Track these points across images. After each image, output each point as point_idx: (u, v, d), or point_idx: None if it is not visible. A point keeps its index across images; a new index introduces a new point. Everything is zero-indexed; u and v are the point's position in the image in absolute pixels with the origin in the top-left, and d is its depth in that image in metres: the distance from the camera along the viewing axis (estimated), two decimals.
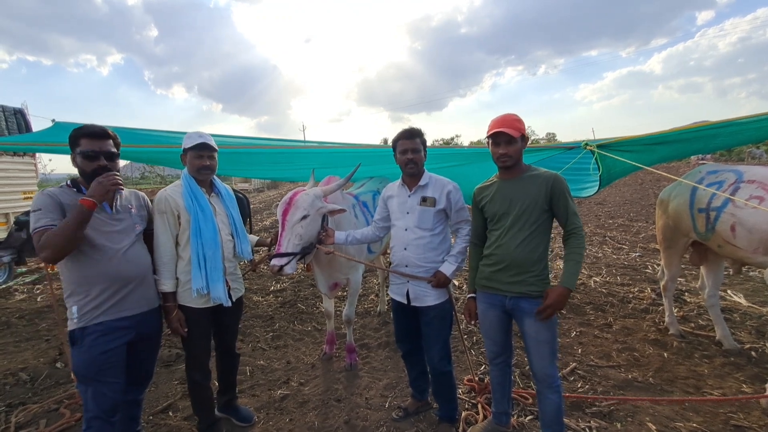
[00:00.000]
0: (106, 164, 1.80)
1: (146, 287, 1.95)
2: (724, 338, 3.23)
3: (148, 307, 1.96)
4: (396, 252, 2.31)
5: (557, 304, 1.81)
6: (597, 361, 3.11)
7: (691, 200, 3.07)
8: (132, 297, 1.87)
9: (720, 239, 2.85)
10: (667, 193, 3.40)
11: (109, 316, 1.80)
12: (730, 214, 2.76)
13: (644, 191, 14.15)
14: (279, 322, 4.14)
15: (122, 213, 1.90)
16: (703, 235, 3.01)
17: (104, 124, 2.00)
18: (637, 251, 6.47)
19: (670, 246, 3.39)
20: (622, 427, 2.33)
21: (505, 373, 2.19)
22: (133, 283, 1.87)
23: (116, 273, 1.81)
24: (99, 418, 1.78)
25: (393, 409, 2.57)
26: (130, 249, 1.88)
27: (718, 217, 2.83)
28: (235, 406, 2.52)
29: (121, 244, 1.84)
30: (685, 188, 3.13)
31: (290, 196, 2.43)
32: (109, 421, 1.81)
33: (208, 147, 2.13)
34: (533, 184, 1.90)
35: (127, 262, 1.84)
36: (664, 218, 3.37)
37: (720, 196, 2.83)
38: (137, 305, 1.90)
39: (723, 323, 3.29)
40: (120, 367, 1.85)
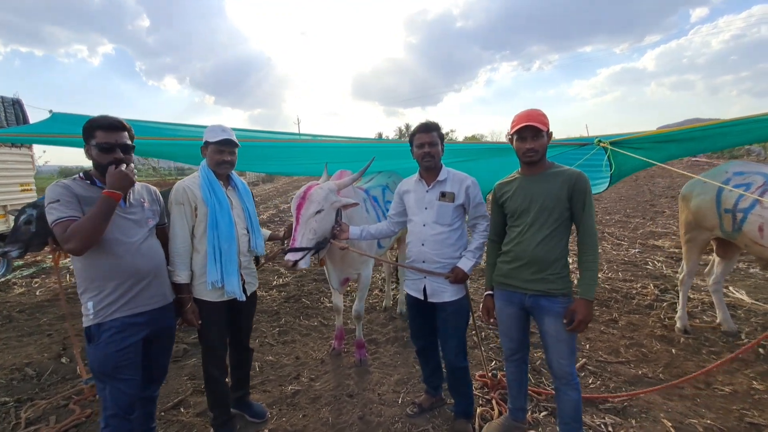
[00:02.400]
0: (122, 157, 1.75)
1: (161, 282, 1.91)
2: (724, 321, 3.43)
3: (162, 303, 1.92)
4: (413, 247, 2.29)
5: (587, 317, 1.82)
6: (606, 357, 3.13)
7: (717, 200, 3.09)
8: (147, 292, 1.83)
9: (747, 239, 2.90)
10: (689, 188, 3.44)
11: (124, 311, 1.77)
12: (758, 215, 2.80)
13: (639, 188, 14.24)
14: (285, 317, 4.11)
15: (135, 207, 1.86)
16: (729, 234, 3.04)
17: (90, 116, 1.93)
18: (637, 247, 6.52)
19: (690, 240, 3.44)
20: (637, 423, 2.35)
21: (521, 369, 2.19)
22: (148, 277, 1.83)
23: (131, 268, 1.77)
24: (117, 416, 1.76)
25: (406, 405, 2.57)
26: (144, 243, 1.84)
27: (745, 219, 2.87)
28: (248, 402, 2.50)
29: (135, 238, 1.80)
30: (711, 187, 3.14)
31: (304, 191, 2.40)
32: (127, 419, 1.79)
33: (231, 143, 2.12)
34: (556, 181, 1.89)
35: (142, 257, 1.81)
36: (686, 213, 3.43)
37: (748, 198, 2.87)
38: (152, 301, 1.86)
39: (725, 307, 3.48)
40: (137, 364, 1.82)
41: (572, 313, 1.82)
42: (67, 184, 1.73)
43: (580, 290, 1.85)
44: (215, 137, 2.08)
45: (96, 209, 1.63)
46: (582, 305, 1.81)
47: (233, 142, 2.12)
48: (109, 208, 1.64)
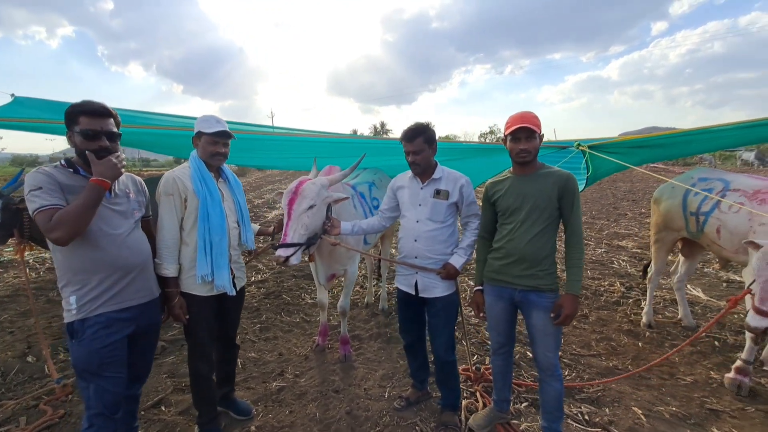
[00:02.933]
0: (108, 145, 1.67)
1: (147, 276, 1.85)
2: (685, 316, 3.72)
3: (149, 298, 1.86)
4: (405, 243, 2.32)
5: (574, 312, 1.92)
6: (579, 350, 3.30)
7: (684, 203, 3.34)
8: (133, 286, 1.77)
9: (708, 239, 3.16)
10: (660, 192, 3.66)
11: (110, 306, 1.70)
12: (716, 218, 3.06)
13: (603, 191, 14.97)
14: (266, 314, 4.05)
15: (121, 197, 1.78)
16: (694, 235, 3.30)
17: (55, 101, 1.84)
18: (603, 247, 6.86)
19: (659, 240, 3.67)
20: (610, 411, 2.50)
21: (507, 362, 2.28)
22: (134, 271, 1.77)
23: (117, 260, 1.70)
24: (102, 415, 1.69)
25: (393, 399, 2.61)
26: (131, 235, 1.77)
27: (706, 221, 3.13)
28: (233, 399, 2.46)
29: (121, 229, 1.73)
30: (678, 191, 3.39)
31: (296, 186, 2.38)
32: (112, 418, 1.72)
33: (227, 134, 2.07)
34: (547, 181, 1.97)
35: (128, 249, 1.74)
36: (657, 215, 3.65)
37: (709, 202, 3.14)
38: (138, 295, 1.80)
39: (686, 304, 3.77)
40: (122, 361, 1.75)
41: (559, 307, 1.92)
42: (49, 171, 1.64)
43: (567, 286, 1.95)
44: (211, 128, 2.03)
45: (83, 197, 1.56)
46: (569, 300, 1.91)
47: (229, 134, 2.08)
48: (97, 196, 1.58)
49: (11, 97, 3.34)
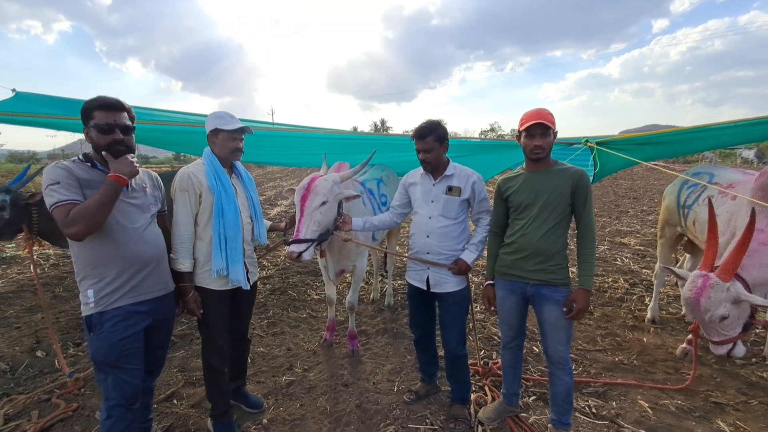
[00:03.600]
0: (122, 138, 1.68)
1: (162, 270, 1.88)
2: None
3: (164, 291, 1.88)
4: (417, 239, 2.34)
5: (586, 306, 1.95)
6: (585, 346, 3.33)
7: (677, 198, 3.42)
8: (149, 280, 1.79)
9: (690, 233, 3.27)
10: (666, 190, 3.73)
11: (127, 300, 1.72)
12: (694, 211, 3.17)
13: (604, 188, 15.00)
14: (272, 309, 4.07)
15: (138, 192, 1.80)
16: (683, 228, 3.38)
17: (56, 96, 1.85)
18: (605, 245, 6.88)
19: (663, 236, 3.72)
20: (617, 404, 2.53)
21: (517, 356, 2.31)
22: (150, 265, 1.79)
23: (134, 254, 1.72)
24: (121, 406, 1.71)
25: (402, 393, 2.63)
26: (147, 229, 1.80)
27: (688, 214, 3.25)
28: (244, 393, 2.49)
29: (138, 224, 1.76)
30: (676, 187, 3.48)
31: (308, 182, 2.40)
32: (130, 409, 1.74)
33: (245, 130, 2.11)
34: (561, 177, 1.99)
35: (145, 243, 1.76)
36: (661, 212, 3.71)
37: (692, 196, 3.23)
38: (155, 289, 1.82)
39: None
40: (140, 353, 1.78)
41: (572, 302, 1.94)
42: (68, 165, 1.65)
43: (579, 281, 1.97)
44: (229, 125, 2.05)
45: (101, 193, 1.57)
46: (582, 295, 1.93)
47: (247, 130, 2.11)
48: (114, 192, 1.59)
49: (12, 92, 3.34)
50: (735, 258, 2.15)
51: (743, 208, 2.59)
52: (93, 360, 1.71)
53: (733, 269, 2.16)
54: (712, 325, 2.23)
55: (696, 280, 2.24)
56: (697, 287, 2.22)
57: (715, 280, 2.17)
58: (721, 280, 2.16)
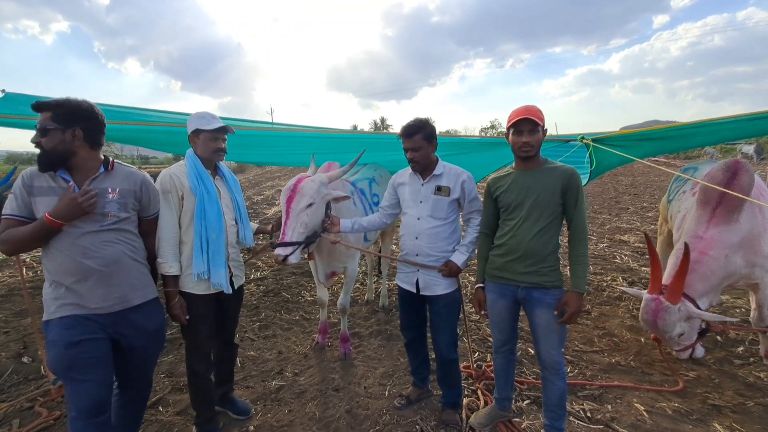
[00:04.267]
0: (38, 141, 1.59)
1: (113, 282, 1.67)
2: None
3: (122, 306, 1.69)
4: (406, 241, 2.28)
5: (579, 309, 1.89)
6: (582, 347, 3.27)
7: (668, 193, 3.47)
8: (95, 292, 1.63)
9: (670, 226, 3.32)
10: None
11: (70, 311, 1.61)
12: (671, 206, 3.25)
13: (604, 185, 14.91)
14: (265, 312, 4.02)
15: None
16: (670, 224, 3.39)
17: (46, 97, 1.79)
18: (605, 242, 6.82)
19: (660, 233, 3.72)
20: (613, 408, 2.47)
21: (509, 360, 2.25)
22: (93, 276, 1.62)
23: (73, 263, 1.59)
24: (79, 419, 1.61)
25: (393, 398, 2.58)
26: (92, 237, 1.62)
27: (669, 208, 3.32)
28: (231, 399, 2.43)
29: (81, 231, 1.60)
30: (671, 183, 3.52)
31: (294, 183, 2.34)
32: (91, 422, 1.62)
33: (227, 129, 2.05)
34: (551, 176, 1.93)
35: (85, 253, 1.60)
36: (660, 208, 3.77)
37: (675, 191, 3.28)
38: (106, 304, 1.66)
39: None
40: (99, 364, 1.64)
41: (564, 305, 1.88)
42: (29, 173, 1.62)
43: (572, 284, 1.91)
44: (210, 125, 1.99)
45: (31, 229, 1.55)
46: (574, 298, 1.87)
47: (228, 129, 2.05)
48: (44, 234, 1.56)
49: (2, 93, 3.27)
50: (678, 282, 2.26)
51: (693, 206, 2.69)
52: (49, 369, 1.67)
53: (679, 292, 2.27)
54: (671, 340, 2.38)
55: (649, 303, 2.36)
56: (651, 310, 2.34)
57: (666, 305, 2.29)
58: (671, 303, 2.27)
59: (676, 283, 2.27)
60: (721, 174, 2.56)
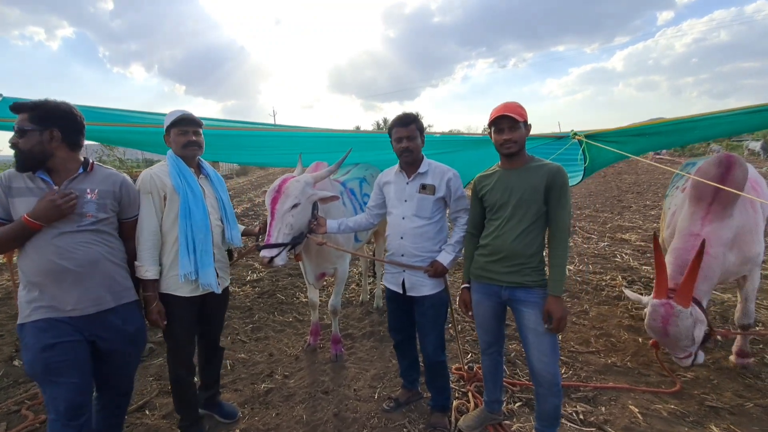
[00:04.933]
0: (15, 142, 1.59)
1: (89, 285, 1.65)
2: None
3: (96, 309, 1.67)
4: (392, 240, 2.24)
5: (563, 314, 1.81)
6: (577, 348, 3.21)
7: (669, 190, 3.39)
8: (71, 295, 1.61)
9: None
10: None
11: (44, 314, 1.60)
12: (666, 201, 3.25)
13: (607, 183, 14.76)
14: (258, 313, 4.00)
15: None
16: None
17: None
18: (606, 241, 6.73)
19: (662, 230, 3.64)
20: (607, 410, 2.41)
21: (497, 362, 2.20)
22: (68, 278, 1.60)
23: (47, 264, 1.58)
24: (57, 422, 1.60)
25: (383, 400, 2.54)
26: (68, 238, 1.60)
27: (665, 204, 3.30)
28: (218, 402, 2.41)
29: (57, 231, 1.59)
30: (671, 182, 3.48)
31: (279, 184, 2.31)
32: (70, 425, 1.60)
33: (192, 121, 2.00)
34: (536, 174, 1.88)
35: (60, 254, 1.59)
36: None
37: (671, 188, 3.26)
38: (81, 305, 1.64)
39: None
40: (76, 366, 1.62)
41: (548, 314, 1.82)
42: (7, 174, 1.61)
43: (549, 287, 1.84)
44: (173, 117, 1.97)
45: (9, 230, 1.55)
46: (553, 303, 1.80)
47: (194, 120, 2.01)
48: (21, 235, 1.56)
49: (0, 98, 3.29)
50: (690, 282, 2.13)
51: (685, 203, 2.62)
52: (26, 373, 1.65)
53: (690, 293, 2.15)
54: (677, 347, 2.25)
55: (658, 309, 2.22)
56: (661, 317, 2.20)
57: (678, 309, 2.15)
58: (683, 307, 2.14)
59: (687, 285, 2.12)
60: (714, 169, 2.49)
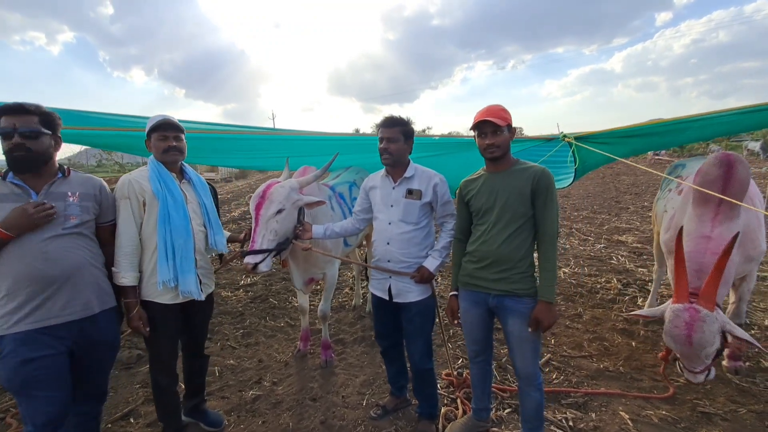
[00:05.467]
0: (22, 142, 1.56)
1: (78, 290, 1.66)
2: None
3: (83, 314, 1.67)
4: (378, 246, 2.22)
5: (551, 320, 1.79)
6: (570, 352, 3.17)
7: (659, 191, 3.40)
8: (57, 302, 1.60)
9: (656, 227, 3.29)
10: None
11: (27, 325, 1.56)
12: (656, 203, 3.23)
13: (605, 185, 14.74)
14: (249, 319, 3.97)
15: (52, 201, 1.63)
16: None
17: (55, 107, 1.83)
18: (602, 243, 6.70)
19: (655, 233, 3.64)
20: (597, 416, 2.38)
21: (485, 371, 2.17)
22: (54, 285, 1.59)
23: (32, 272, 1.55)
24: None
25: (371, 407, 2.51)
26: (53, 243, 1.60)
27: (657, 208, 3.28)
28: (203, 410, 2.37)
29: (41, 236, 1.58)
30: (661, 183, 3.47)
31: (263, 189, 2.29)
32: None
33: (173, 126, 1.97)
34: (521, 178, 1.85)
35: (46, 259, 1.57)
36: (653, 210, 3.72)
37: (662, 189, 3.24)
38: (66, 312, 1.63)
39: None
40: (56, 380, 1.61)
41: (537, 321, 1.80)
42: None
43: (539, 292, 1.82)
44: (153, 122, 1.95)
45: None
46: (543, 309, 1.78)
47: (175, 125, 1.98)
48: None
49: None
50: (715, 283, 2.01)
51: (687, 205, 2.53)
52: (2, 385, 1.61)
53: (715, 295, 2.02)
54: (698, 357, 2.08)
55: (681, 314, 2.06)
56: (685, 323, 2.04)
57: (705, 313, 2.01)
58: (709, 311, 2.01)
59: (711, 286, 2.01)
60: (716, 169, 2.38)
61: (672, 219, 2.78)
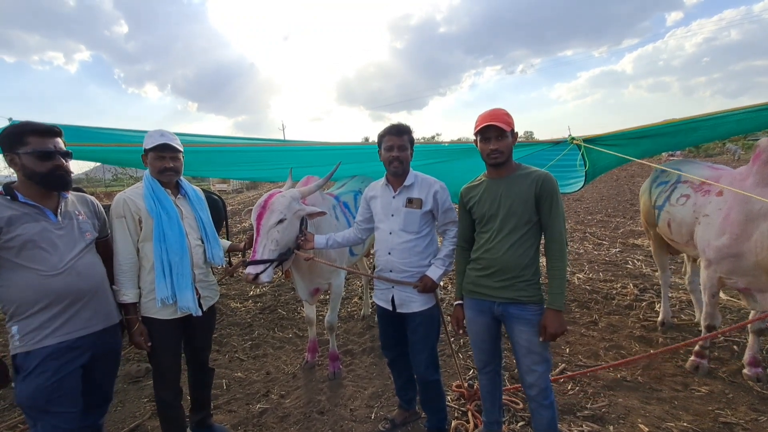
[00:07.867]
0: (63, 163, 1.64)
1: (101, 301, 1.75)
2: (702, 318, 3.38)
3: (105, 324, 1.76)
4: (380, 256, 2.18)
5: (559, 329, 1.72)
6: (585, 361, 3.06)
7: (649, 197, 3.32)
8: (84, 314, 1.67)
9: (665, 235, 3.15)
10: (642, 188, 3.61)
11: (57, 338, 1.60)
12: (667, 212, 3.04)
13: (620, 187, 14.47)
14: (258, 330, 3.95)
15: (67, 220, 1.69)
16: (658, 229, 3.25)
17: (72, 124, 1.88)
18: (617, 247, 6.54)
19: (649, 237, 3.61)
20: (615, 429, 2.28)
21: (494, 381, 2.09)
22: (84, 298, 1.67)
23: (63, 288, 1.61)
24: None
25: (379, 421, 2.45)
26: (80, 260, 1.68)
27: (660, 215, 3.12)
28: (209, 425, 2.34)
29: (68, 254, 1.64)
30: (647, 184, 3.41)
31: (265, 199, 2.28)
32: None
33: (170, 147, 1.96)
34: (524, 183, 1.80)
35: (77, 275, 1.65)
36: (641, 212, 3.62)
37: (662, 195, 3.14)
38: (91, 323, 1.70)
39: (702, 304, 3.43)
40: (74, 395, 1.64)
41: (544, 328, 1.73)
42: None
43: (548, 300, 1.76)
44: (153, 143, 1.94)
45: None
46: (551, 317, 1.72)
47: (173, 147, 1.98)
48: None
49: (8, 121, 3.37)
50: None
51: (738, 203, 2.42)
52: (19, 404, 1.60)
53: None
54: None
55: None
56: None
57: None
58: None
59: None
60: None
61: (726, 220, 2.49)
